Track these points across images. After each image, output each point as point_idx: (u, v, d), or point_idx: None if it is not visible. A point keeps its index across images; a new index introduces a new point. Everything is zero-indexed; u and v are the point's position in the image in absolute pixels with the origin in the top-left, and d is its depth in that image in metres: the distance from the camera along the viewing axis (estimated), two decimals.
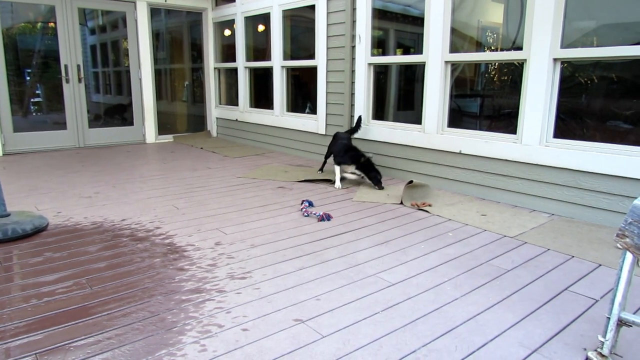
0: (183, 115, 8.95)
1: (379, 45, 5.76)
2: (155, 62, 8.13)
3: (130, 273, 2.72)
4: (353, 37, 5.64)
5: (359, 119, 5.48)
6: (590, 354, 1.96)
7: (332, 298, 2.44)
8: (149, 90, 7.93)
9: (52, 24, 7.01)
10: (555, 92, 3.95)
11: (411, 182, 4.43)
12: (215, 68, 8.66)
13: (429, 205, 4.14)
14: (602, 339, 1.93)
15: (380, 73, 5.80)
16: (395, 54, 5.95)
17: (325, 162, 5.64)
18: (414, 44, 5.47)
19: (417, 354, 1.95)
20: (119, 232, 3.43)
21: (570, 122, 4.07)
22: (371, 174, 4.87)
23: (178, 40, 8.70)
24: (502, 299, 2.47)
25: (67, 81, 7.17)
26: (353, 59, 5.70)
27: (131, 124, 7.98)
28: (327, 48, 6.04)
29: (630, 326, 1.90)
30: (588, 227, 3.65)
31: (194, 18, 8.56)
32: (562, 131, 4.01)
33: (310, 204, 4.12)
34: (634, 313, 2.36)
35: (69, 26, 7.07)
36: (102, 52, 7.97)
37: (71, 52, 7.13)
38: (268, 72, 7.23)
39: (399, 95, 5.89)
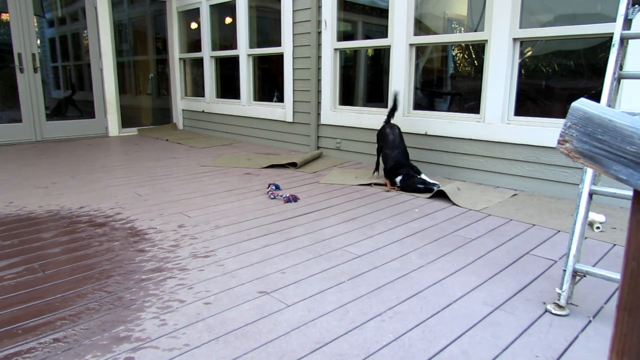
0: (148, 108, 8.73)
1: (345, 36, 5.75)
2: (119, 55, 7.90)
3: (88, 256, 2.62)
4: (319, 22, 5.61)
5: (396, 96, 4.55)
6: (549, 306, 2.00)
7: (297, 271, 2.41)
8: (110, 81, 7.69)
9: (6, 16, 6.70)
10: (515, 71, 4.03)
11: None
12: (180, 59, 8.48)
13: (397, 189, 4.15)
14: (559, 291, 1.96)
15: (347, 59, 5.80)
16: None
17: (378, 162, 4.64)
18: (380, 30, 5.48)
19: (383, 317, 1.94)
20: (76, 219, 3.30)
21: (530, 100, 4.17)
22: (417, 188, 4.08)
23: (142, 31, 8.48)
24: (466, 265, 2.49)
25: (22, 71, 6.86)
26: (319, 45, 5.67)
27: (92, 116, 7.72)
28: (293, 34, 5.99)
29: (584, 276, 1.95)
30: (548, 199, 3.74)
31: (158, 7, 8.35)
32: (522, 109, 4.09)
33: (277, 187, 4.08)
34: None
35: (21, 13, 6.76)
36: (62, 45, 7.69)
37: (25, 40, 6.81)
38: (234, 61, 7.12)
39: (366, 80, 5.90)
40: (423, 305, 2.04)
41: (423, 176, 4.15)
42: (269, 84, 7.04)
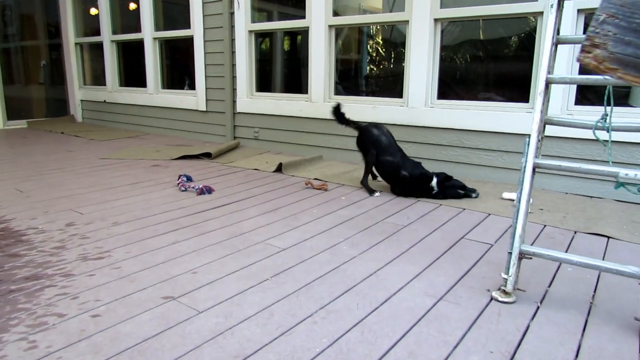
0: (40, 99, 7.70)
1: (261, 18, 5.38)
2: (4, 40, 6.84)
3: None
4: (231, 2, 5.19)
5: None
6: (495, 294, 1.83)
7: (212, 269, 2.04)
8: None
9: None
10: (438, 53, 3.95)
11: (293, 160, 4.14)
12: (76, 44, 7.55)
13: (325, 189, 3.52)
14: (505, 276, 1.80)
15: (264, 43, 5.45)
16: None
17: (370, 171, 3.59)
18: (299, 14, 5.19)
19: (314, 317, 1.65)
20: None
21: (452, 83, 4.12)
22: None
23: (30, 14, 7.43)
24: (401, 253, 2.28)
25: None
26: (232, 26, 5.24)
27: None
28: (204, 15, 5.50)
29: (531, 258, 1.81)
30: (473, 183, 3.69)
31: None
32: (445, 93, 4.03)
33: (189, 179, 3.63)
34: None
35: None
36: None
37: None
38: (139, 45, 6.43)
39: (285, 65, 5.59)
40: (359, 301, 1.78)
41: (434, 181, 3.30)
42: (179, 70, 6.46)
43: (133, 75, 6.86)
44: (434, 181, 3.28)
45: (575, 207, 3.12)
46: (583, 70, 3.40)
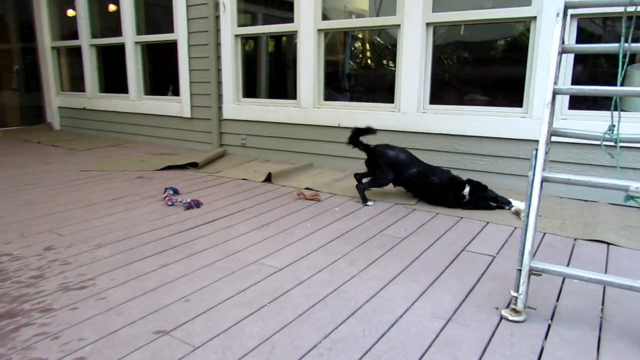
0: (14, 106, 7.43)
1: (247, 22, 5.25)
2: None
3: None
4: (217, 5, 5.04)
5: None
6: (505, 312, 1.75)
7: (205, 297, 1.92)
8: None
9: None
10: (430, 57, 3.88)
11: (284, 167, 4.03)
12: (53, 48, 7.29)
13: (318, 200, 3.39)
14: (515, 294, 1.73)
15: (251, 48, 5.31)
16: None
17: (372, 187, 3.48)
18: (286, 17, 5.07)
19: (320, 349, 1.54)
20: None
21: (445, 88, 4.05)
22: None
23: (0, 15, 7.16)
24: (403, 269, 2.19)
25: None
26: (218, 30, 5.10)
27: None
28: (188, 19, 5.34)
29: (540, 275, 1.73)
30: None
31: None
32: (437, 97, 3.96)
33: (176, 192, 3.49)
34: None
35: None
36: None
37: None
38: (120, 50, 6.23)
39: (272, 70, 5.46)
40: (365, 327, 1.68)
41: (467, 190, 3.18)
42: (163, 75, 6.28)
43: (114, 81, 6.65)
44: (467, 189, 3.13)
45: (572, 212, 3.08)
46: (575, 78, 3.37)
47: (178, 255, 2.35)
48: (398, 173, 3.32)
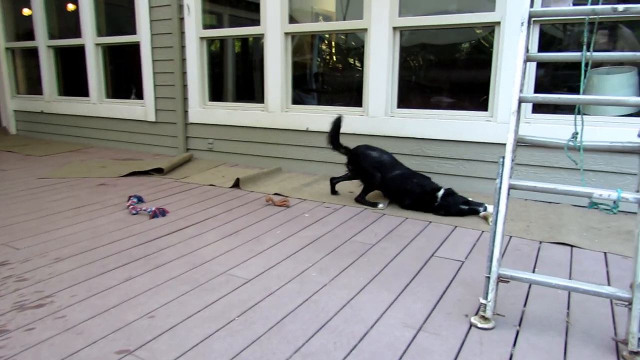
0: None
1: (213, 25, 5.15)
2: None
3: None
4: (181, 7, 4.93)
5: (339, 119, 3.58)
6: (474, 319, 1.76)
7: (172, 312, 1.85)
8: None
9: None
10: (397, 61, 3.90)
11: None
12: (7, 48, 6.95)
13: (287, 206, 3.34)
14: (484, 301, 1.74)
15: (217, 51, 5.22)
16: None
17: (369, 192, 3.46)
18: (253, 18, 5.00)
19: None
20: None
21: (412, 92, 4.09)
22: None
23: None
24: (373, 277, 2.18)
25: None
26: (182, 32, 4.98)
27: None
28: (151, 21, 5.19)
29: (508, 282, 1.76)
30: None
31: None
32: (405, 101, 3.99)
33: (140, 200, 3.38)
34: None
35: None
36: None
37: None
38: (80, 51, 5.99)
39: (239, 72, 5.38)
40: (336, 340, 1.66)
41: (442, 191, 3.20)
42: (125, 78, 6.09)
43: (74, 83, 6.39)
44: (440, 192, 3.12)
45: (537, 214, 3.15)
46: (537, 82, 3.46)
47: (143, 268, 2.27)
48: (382, 174, 3.31)
